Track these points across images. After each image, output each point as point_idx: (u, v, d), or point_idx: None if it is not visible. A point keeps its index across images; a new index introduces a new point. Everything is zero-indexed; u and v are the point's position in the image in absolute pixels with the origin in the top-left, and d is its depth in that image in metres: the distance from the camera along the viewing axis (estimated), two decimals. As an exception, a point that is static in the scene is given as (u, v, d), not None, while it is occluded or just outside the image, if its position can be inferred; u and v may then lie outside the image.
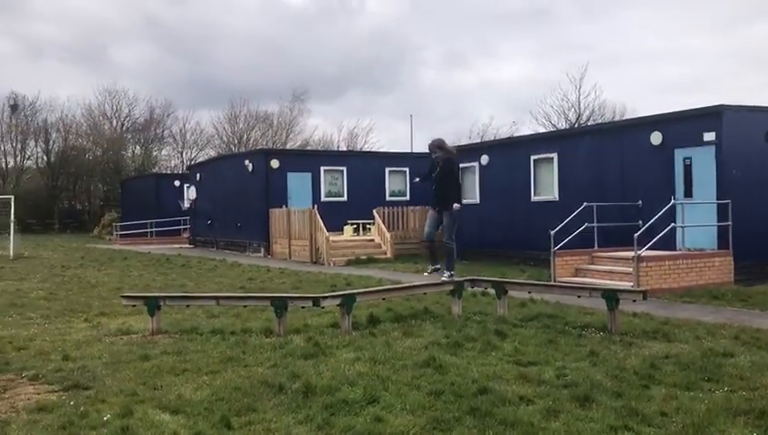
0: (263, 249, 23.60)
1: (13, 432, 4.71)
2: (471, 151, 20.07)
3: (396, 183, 25.41)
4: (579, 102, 46.42)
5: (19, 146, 49.75)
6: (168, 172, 47.64)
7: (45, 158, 50.11)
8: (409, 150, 39.68)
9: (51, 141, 50.16)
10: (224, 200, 26.88)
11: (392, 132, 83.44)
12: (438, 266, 10.32)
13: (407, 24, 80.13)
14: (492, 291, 9.65)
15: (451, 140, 16.56)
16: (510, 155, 18.68)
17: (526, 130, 51.21)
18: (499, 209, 18.55)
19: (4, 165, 49.70)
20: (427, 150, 10.72)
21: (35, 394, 5.96)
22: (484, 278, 10.33)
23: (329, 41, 75.69)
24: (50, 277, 16.48)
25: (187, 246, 30.53)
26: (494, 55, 78.33)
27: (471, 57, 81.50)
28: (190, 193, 31.39)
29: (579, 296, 9.41)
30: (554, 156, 16.98)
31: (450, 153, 10.44)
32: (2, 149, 49.46)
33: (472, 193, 19.40)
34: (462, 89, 77.89)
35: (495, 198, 18.74)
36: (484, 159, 19.25)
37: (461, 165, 19.79)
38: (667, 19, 72.68)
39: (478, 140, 42.80)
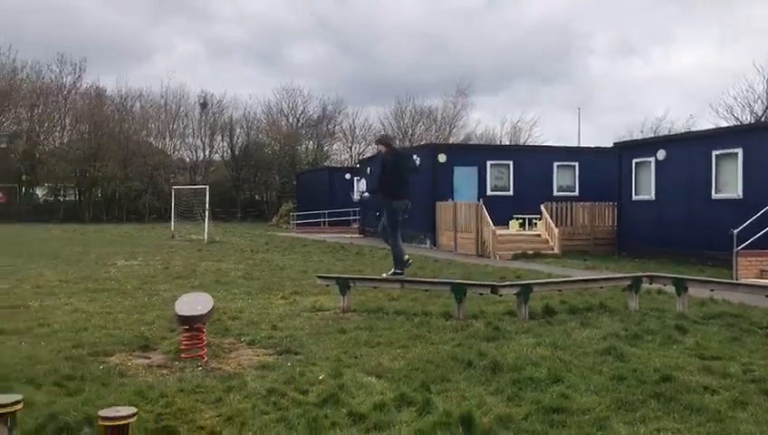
0: (428, 241, 24.37)
1: (249, 382, 5.61)
2: (646, 146, 19.49)
3: (564, 178, 25.14)
4: (766, 93, 42.84)
5: (208, 141, 54.65)
6: (339, 166, 50.12)
7: (230, 151, 54.61)
8: (577, 144, 38.86)
9: (235, 136, 54.60)
10: (392, 193, 27.90)
11: (557, 126, 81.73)
12: (401, 271, 10.26)
13: (574, 12, 78.10)
14: (668, 289, 9.54)
15: (621, 134, 16.28)
16: (689, 150, 17.94)
17: (705, 123, 48.12)
18: (676, 207, 17.89)
19: (195, 158, 54.83)
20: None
21: (255, 356, 6.92)
22: (663, 275, 10.19)
23: (493, 32, 75.58)
24: (242, 260, 18.26)
25: (357, 235, 32.09)
26: (669, 42, 74.30)
27: (644, 45, 77.71)
28: (361, 185, 32.96)
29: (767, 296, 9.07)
30: (738, 151, 16.10)
31: (390, 148, 10.67)
32: (194, 143, 54.61)
33: (646, 190, 18.88)
34: (634, 79, 74.60)
35: (672, 194, 18.09)
36: (661, 154, 18.60)
37: (635, 160, 19.35)
38: None
39: (651, 135, 40.90)
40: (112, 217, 47.94)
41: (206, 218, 26.46)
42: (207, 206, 27.00)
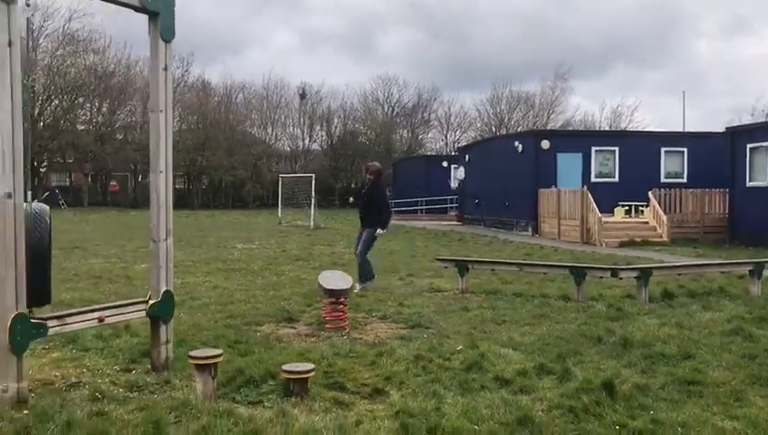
0: (530, 228, 24.43)
1: (396, 349, 6.16)
2: (762, 130, 18.82)
3: (672, 164, 24.54)
4: None
5: (307, 130, 56.28)
6: (434, 154, 50.50)
7: (328, 141, 56.02)
8: (681, 129, 37.59)
9: (333, 126, 55.94)
10: (492, 180, 28.12)
11: (660, 110, 78.89)
12: (365, 285, 10.14)
13: (679, -8, 74.74)
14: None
15: (728, 119, 15.70)
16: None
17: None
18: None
19: (295, 147, 56.58)
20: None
21: (389, 329, 7.48)
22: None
23: (593, 13, 73.52)
24: (351, 244, 18.99)
25: (455, 223, 32.43)
26: (784, 22, 69.78)
27: (756, 24, 73.54)
28: (458, 173, 33.25)
29: None
30: None
31: (378, 177, 10.66)
32: (294, 132, 56.38)
33: (762, 176, 18.27)
34: (744, 61, 71.00)
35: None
36: (779, 138, 17.95)
37: (749, 145, 18.76)
38: None
39: (763, 119, 38.97)
40: (218, 203, 50.34)
41: (312, 205, 27.52)
42: (313, 193, 28.06)
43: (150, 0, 5.22)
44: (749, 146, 18.96)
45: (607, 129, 53.04)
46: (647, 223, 20.88)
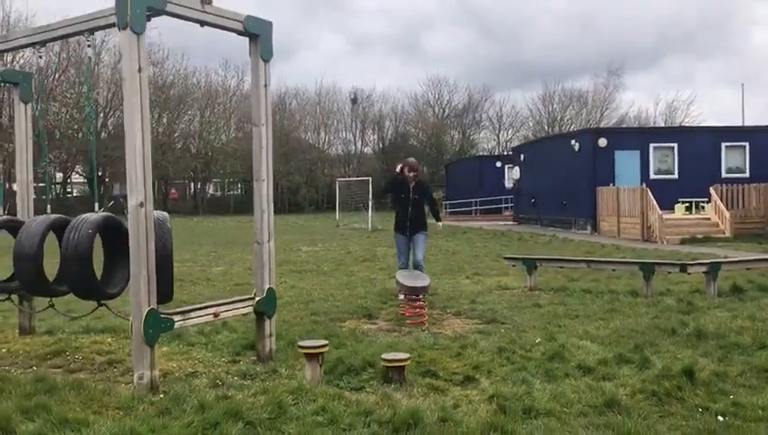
0: (589, 227, 24.41)
1: (479, 341, 6.54)
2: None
3: (733, 159, 24.20)
4: None
5: (359, 134, 57.02)
6: (488, 154, 50.55)
7: (380, 144, 56.64)
8: (741, 123, 36.82)
9: (384, 129, 56.53)
10: (548, 179, 28.15)
11: (717, 103, 76.93)
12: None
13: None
14: None
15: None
16: None
17: None
18: None
19: (347, 151, 57.37)
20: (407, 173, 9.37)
21: (466, 324, 7.86)
22: None
23: (645, 5, 72.25)
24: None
25: (511, 222, 32.52)
26: None
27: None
28: (514, 173, 33.32)
29: None
30: None
31: (420, 175, 9.78)
32: (346, 137, 57.19)
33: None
34: (805, 50, 68.51)
35: None
36: None
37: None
38: None
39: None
40: (275, 209, 51.21)
41: (370, 208, 28.08)
42: (371, 196, 28.62)
43: (251, 24, 5.74)
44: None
45: (662, 124, 52.22)
46: (708, 219, 20.69)
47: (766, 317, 7.35)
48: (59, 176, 48.27)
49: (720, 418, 4.39)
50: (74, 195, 50.94)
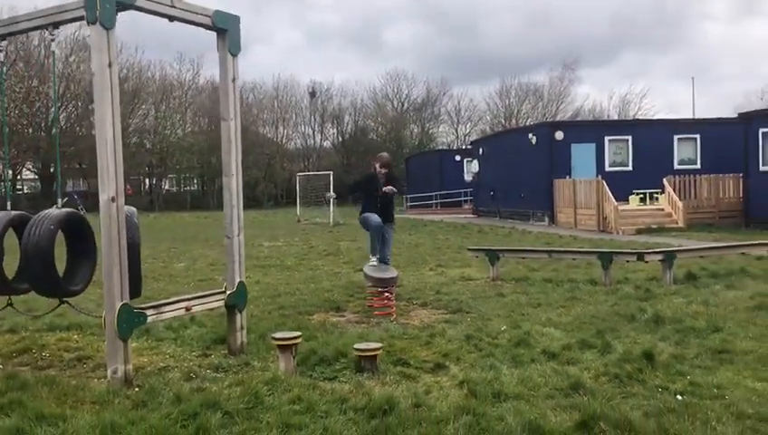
0: (547, 218, 24.89)
1: (446, 330, 6.69)
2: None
3: (685, 151, 24.94)
4: None
5: (318, 128, 56.85)
6: (447, 148, 50.96)
7: (340, 138, 56.56)
8: (691, 116, 37.90)
9: (344, 124, 56.48)
10: (507, 172, 28.56)
11: (669, 97, 78.88)
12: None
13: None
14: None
15: (739, 104, 16.06)
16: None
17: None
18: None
19: (306, 145, 57.16)
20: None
21: (432, 314, 8.01)
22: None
23: (598, 1, 73.61)
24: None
25: (471, 215, 32.90)
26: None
27: (766, 5, 73.54)
28: (473, 166, 33.71)
29: None
30: None
31: (391, 169, 9.75)
32: (305, 131, 56.96)
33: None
34: (755, 44, 70.79)
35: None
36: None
37: (761, 129, 19.22)
38: None
39: (774, 103, 39.17)
40: (234, 204, 50.88)
41: (332, 202, 28.08)
42: (332, 191, 28.59)
43: (219, 18, 5.76)
44: (761, 130, 19.36)
45: (616, 117, 53.38)
46: (662, 210, 21.32)
47: (719, 302, 7.69)
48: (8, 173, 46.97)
49: (679, 397, 4.61)
50: (24, 192, 49.63)
